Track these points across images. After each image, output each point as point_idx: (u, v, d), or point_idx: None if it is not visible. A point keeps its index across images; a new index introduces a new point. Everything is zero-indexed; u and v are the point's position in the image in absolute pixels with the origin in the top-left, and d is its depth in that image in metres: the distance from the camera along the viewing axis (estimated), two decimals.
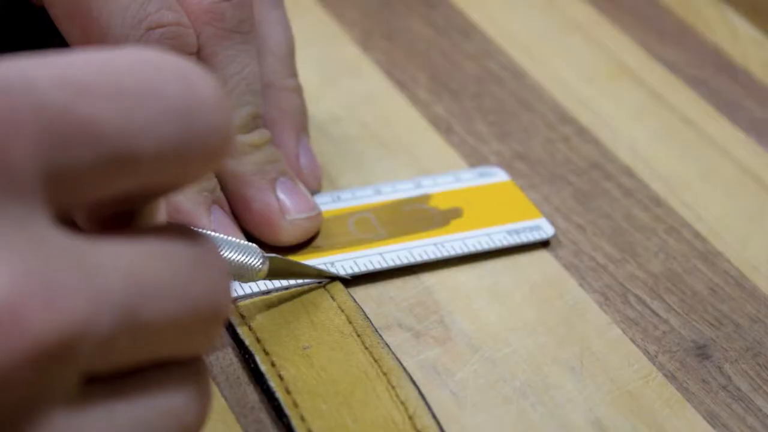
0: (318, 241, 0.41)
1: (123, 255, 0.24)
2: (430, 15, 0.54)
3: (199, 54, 0.39)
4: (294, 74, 0.43)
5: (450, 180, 0.44)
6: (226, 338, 0.38)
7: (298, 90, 0.43)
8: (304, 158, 0.42)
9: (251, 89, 0.39)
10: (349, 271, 0.39)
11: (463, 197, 0.43)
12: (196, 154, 0.25)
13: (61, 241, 0.23)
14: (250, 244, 0.36)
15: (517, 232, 0.42)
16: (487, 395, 0.37)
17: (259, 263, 0.35)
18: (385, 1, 0.55)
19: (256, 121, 0.40)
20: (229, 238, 0.36)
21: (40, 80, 0.23)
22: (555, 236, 0.43)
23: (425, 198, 0.43)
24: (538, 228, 0.42)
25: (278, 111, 0.41)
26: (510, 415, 0.36)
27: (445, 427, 0.35)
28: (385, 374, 0.36)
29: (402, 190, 0.43)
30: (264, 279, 0.36)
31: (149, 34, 0.37)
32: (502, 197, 0.43)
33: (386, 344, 0.37)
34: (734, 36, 0.54)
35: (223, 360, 0.37)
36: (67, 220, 0.25)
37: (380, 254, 0.40)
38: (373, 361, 0.37)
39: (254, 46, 0.40)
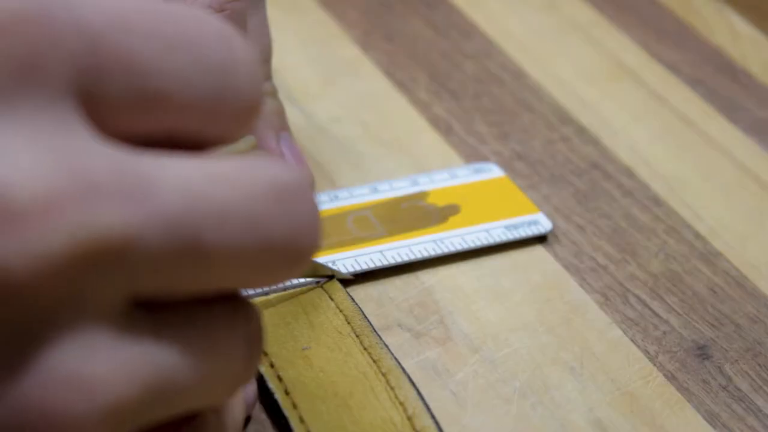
0: None
1: (186, 173, 0.23)
2: (430, 15, 0.54)
3: None
4: (267, 78, 0.43)
5: (446, 177, 0.44)
6: None
7: (271, 92, 0.43)
8: (289, 156, 0.42)
9: None
10: (351, 270, 0.40)
11: (460, 194, 0.43)
12: (226, 110, 0.25)
13: (104, 150, 0.23)
14: None
15: (515, 227, 0.42)
16: (487, 395, 0.37)
17: None
18: (385, 2, 0.55)
19: None
20: None
21: (82, 4, 0.23)
22: (555, 236, 0.43)
23: (422, 195, 0.43)
24: (535, 223, 0.42)
25: None
26: (510, 416, 0.36)
27: (445, 427, 0.35)
28: (384, 375, 0.36)
29: (399, 188, 0.43)
30: None
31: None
32: (498, 193, 0.44)
33: (385, 345, 0.37)
34: (734, 36, 0.54)
35: None
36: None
37: (380, 252, 0.40)
38: (372, 361, 0.36)
39: None
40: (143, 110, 0.24)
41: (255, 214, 0.24)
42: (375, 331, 0.38)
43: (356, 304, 0.38)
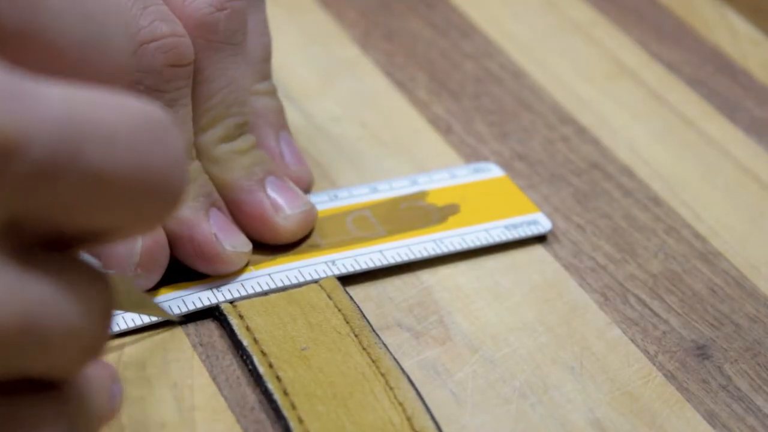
0: (317, 240, 0.41)
1: (72, 91, 0.24)
2: (430, 15, 0.54)
3: None
4: (267, 78, 0.43)
5: (445, 176, 0.44)
6: (226, 339, 0.38)
7: (270, 92, 0.43)
8: (288, 154, 0.42)
9: (239, 100, 0.40)
10: (350, 269, 0.39)
11: (460, 193, 0.43)
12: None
13: None
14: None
15: (514, 226, 0.42)
16: (487, 395, 0.37)
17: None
18: (384, 2, 0.55)
19: (242, 129, 0.40)
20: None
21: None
22: (555, 236, 0.43)
23: (422, 195, 0.43)
24: (535, 222, 0.42)
25: (253, 115, 0.41)
26: (509, 416, 0.36)
27: (444, 427, 0.35)
28: (383, 375, 0.36)
29: (398, 188, 0.43)
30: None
31: (144, 49, 0.36)
32: (498, 193, 0.44)
33: (384, 345, 0.37)
34: (734, 36, 0.54)
35: (223, 360, 0.37)
36: None
37: (380, 252, 0.40)
38: (371, 361, 0.36)
39: (244, 55, 0.40)
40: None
41: (134, 139, 0.24)
42: (374, 330, 0.38)
43: (355, 303, 0.38)
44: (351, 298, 0.39)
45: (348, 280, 0.40)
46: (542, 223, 0.42)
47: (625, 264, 0.42)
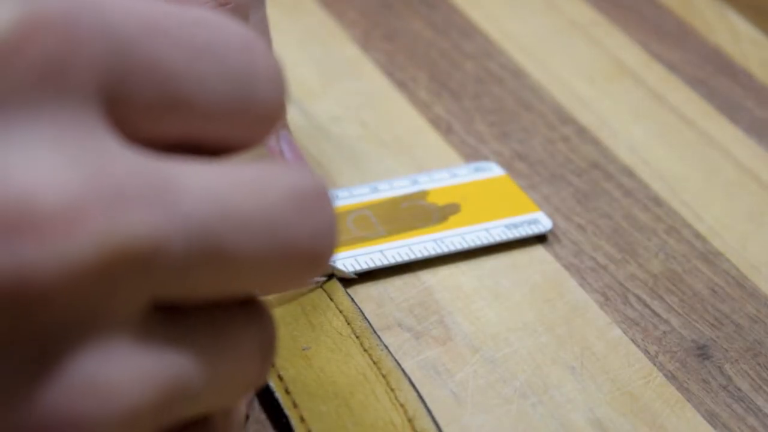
0: None
1: (209, 179, 0.23)
2: (430, 15, 0.54)
3: None
4: None
5: (446, 176, 0.44)
6: None
7: None
8: (288, 153, 0.42)
9: None
10: (351, 269, 0.40)
11: (460, 193, 0.43)
12: (249, 117, 0.25)
13: (130, 155, 0.22)
14: None
15: (515, 226, 0.42)
16: (487, 395, 0.37)
17: None
18: (385, 2, 0.55)
19: None
20: None
21: (111, 8, 0.23)
22: (555, 236, 0.43)
23: (422, 194, 0.43)
24: (536, 222, 0.42)
25: None
26: (510, 416, 0.36)
27: (445, 427, 0.35)
28: (384, 376, 0.36)
29: (399, 187, 0.43)
30: None
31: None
32: (498, 192, 0.44)
33: (385, 346, 0.37)
34: (734, 36, 0.54)
35: None
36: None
37: (381, 251, 0.40)
38: (372, 363, 0.36)
39: None
40: (168, 116, 0.24)
41: (275, 221, 0.24)
42: (375, 332, 0.38)
43: (356, 304, 0.38)
44: (352, 299, 0.39)
45: (348, 280, 0.40)
46: (543, 223, 0.42)
47: (626, 264, 0.42)
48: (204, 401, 0.24)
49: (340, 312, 0.38)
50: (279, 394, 0.35)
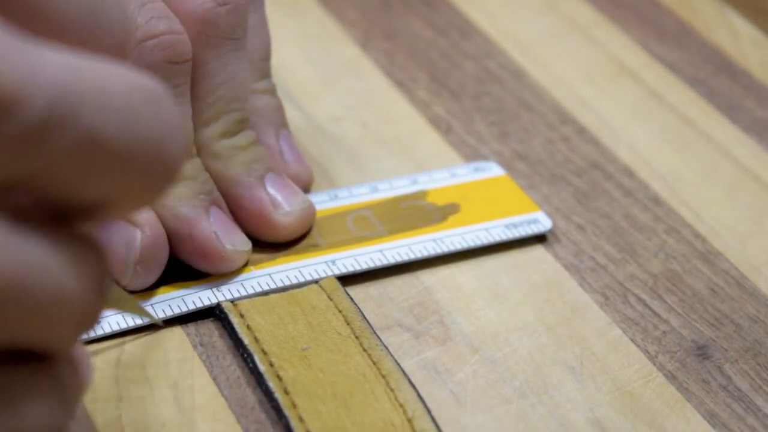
0: (317, 240, 0.41)
1: (67, 56, 0.24)
2: (430, 15, 0.54)
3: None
4: (266, 76, 0.43)
5: (446, 176, 0.44)
6: (227, 339, 0.38)
7: (270, 90, 0.43)
8: (288, 152, 0.42)
9: (240, 96, 0.40)
10: (350, 269, 0.39)
11: (460, 192, 0.43)
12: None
13: None
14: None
15: (515, 225, 0.42)
16: (487, 395, 0.37)
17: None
18: (384, 1, 0.55)
19: (243, 125, 0.40)
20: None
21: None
22: (555, 236, 0.43)
23: (422, 194, 0.43)
24: (535, 221, 0.42)
25: (253, 113, 0.42)
26: (510, 415, 0.36)
27: (444, 427, 0.35)
28: (383, 376, 0.36)
29: (398, 187, 0.43)
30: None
31: (142, 46, 0.37)
32: (498, 192, 0.44)
33: (385, 346, 0.37)
34: (734, 36, 0.54)
35: (224, 360, 0.37)
36: None
37: (380, 251, 0.40)
38: (371, 363, 0.36)
39: (245, 50, 0.40)
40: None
41: (131, 106, 0.24)
42: (375, 332, 0.38)
43: (356, 304, 0.38)
44: (351, 299, 0.39)
45: (348, 280, 0.40)
46: (543, 222, 0.42)
47: (626, 264, 0.42)
48: (45, 313, 0.24)
49: (340, 312, 0.38)
50: (278, 395, 0.35)
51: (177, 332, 0.38)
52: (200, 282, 0.39)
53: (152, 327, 0.37)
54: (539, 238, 0.42)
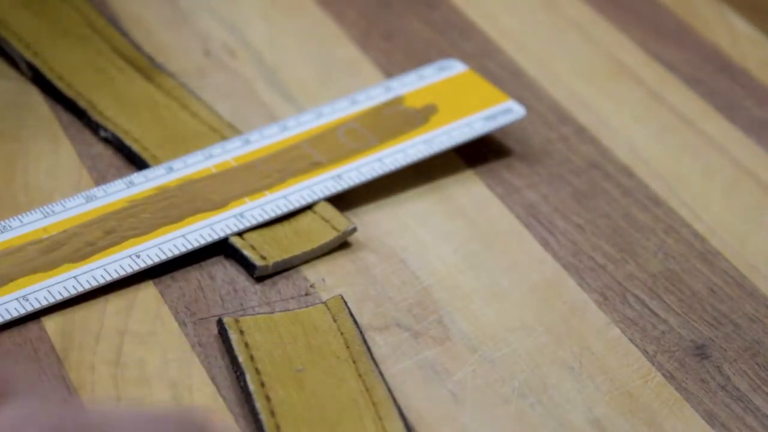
0: (318, 158, 0.43)
1: None
2: (429, 14, 0.54)
3: None
4: None
5: (414, 79, 0.47)
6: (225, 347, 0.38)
7: None
8: None
9: None
10: (356, 181, 0.42)
11: (433, 93, 0.46)
12: None
13: None
14: None
15: (493, 117, 0.45)
16: (486, 395, 0.37)
17: None
18: (383, 1, 0.55)
19: None
20: None
21: None
22: (554, 236, 0.43)
23: (399, 100, 0.46)
24: (510, 110, 0.46)
25: None
26: (509, 415, 0.36)
27: (443, 427, 0.35)
28: (374, 404, 0.35)
29: (375, 96, 0.46)
30: None
31: None
32: (467, 87, 0.47)
33: (380, 372, 0.36)
34: (733, 36, 0.54)
35: (223, 360, 0.37)
36: None
37: (379, 160, 0.43)
38: (364, 389, 0.36)
39: None
40: None
41: None
42: (373, 358, 0.37)
43: (358, 328, 0.38)
44: (355, 321, 0.38)
45: (348, 279, 0.40)
46: (516, 110, 0.45)
47: (625, 264, 0.42)
48: None
49: (341, 334, 0.37)
50: (263, 416, 0.35)
51: (176, 332, 0.38)
52: (222, 210, 0.40)
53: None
54: (539, 239, 0.42)
